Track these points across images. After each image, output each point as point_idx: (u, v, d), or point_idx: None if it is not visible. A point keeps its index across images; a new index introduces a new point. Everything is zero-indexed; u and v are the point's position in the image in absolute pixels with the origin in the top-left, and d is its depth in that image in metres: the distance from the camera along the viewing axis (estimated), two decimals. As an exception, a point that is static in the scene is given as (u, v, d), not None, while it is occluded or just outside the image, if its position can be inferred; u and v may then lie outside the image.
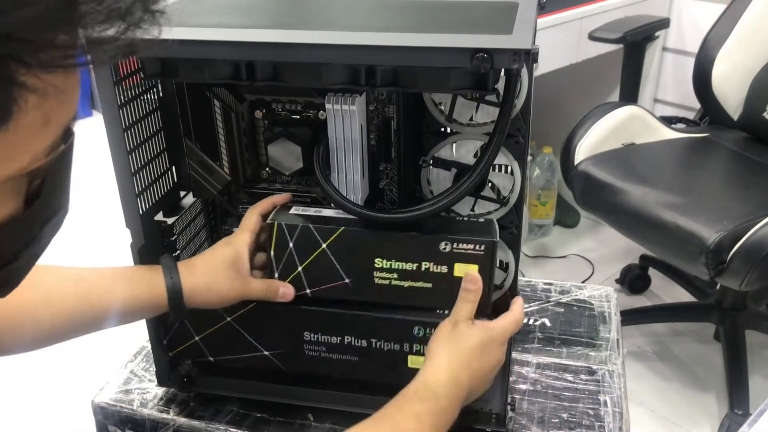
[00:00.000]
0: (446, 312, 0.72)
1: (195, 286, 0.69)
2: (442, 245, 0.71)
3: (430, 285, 0.72)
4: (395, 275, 0.72)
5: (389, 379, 0.74)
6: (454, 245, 0.70)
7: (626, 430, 0.80)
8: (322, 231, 0.73)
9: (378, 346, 0.74)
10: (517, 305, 0.74)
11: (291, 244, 0.73)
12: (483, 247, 0.70)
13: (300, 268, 0.74)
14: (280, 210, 0.77)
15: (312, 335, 0.75)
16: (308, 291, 0.74)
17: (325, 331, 0.75)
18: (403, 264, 0.72)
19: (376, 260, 0.72)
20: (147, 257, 0.72)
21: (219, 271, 0.71)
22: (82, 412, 0.93)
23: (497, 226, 0.75)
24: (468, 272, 0.71)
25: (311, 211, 0.77)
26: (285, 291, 0.73)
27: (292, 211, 0.77)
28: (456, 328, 0.68)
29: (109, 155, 0.68)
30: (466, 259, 0.70)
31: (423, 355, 0.73)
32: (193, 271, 0.70)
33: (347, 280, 0.73)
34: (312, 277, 0.74)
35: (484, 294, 0.71)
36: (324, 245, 0.73)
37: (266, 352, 0.77)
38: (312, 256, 0.73)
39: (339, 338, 0.75)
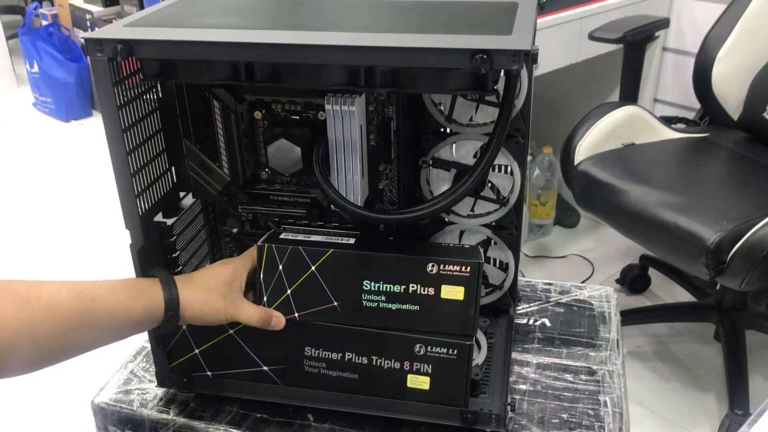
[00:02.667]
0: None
1: (191, 300, 0.69)
2: (429, 267, 0.71)
3: (417, 308, 0.72)
4: (383, 297, 0.73)
5: (388, 398, 0.74)
6: (441, 267, 0.71)
7: (626, 431, 0.80)
8: (312, 253, 0.74)
9: (378, 364, 0.74)
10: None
11: (280, 267, 0.74)
12: (469, 269, 0.71)
13: (289, 291, 0.74)
14: (271, 235, 0.79)
15: (313, 350, 0.75)
16: (297, 314, 0.75)
17: (326, 346, 0.75)
18: (391, 286, 0.72)
19: (364, 282, 0.73)
20: (147, 258, 0.72)
21: (215, 288, 0.71)
22: (82, 412, 0.93)
23: (482, 251, 0.76)
24: None
25: (300, 236, 0.78)
26: (278, 321, 0.74)
27: (282, 236, 0.79)
28: None
29: (109, 156, 0.68)
30: (453, 280, 0.71)
31: (423, 374, 0.73)
32: (189, 285, 0.70)
33: (335, 303, 0.74)
34: (300, 300, 0.74)
35: (468, 313, 0.71)
36: (313, 267, 0.73)
37: (265, 368, 0.77)
38: (301, 279, 0.74)
39: (340, 354, 0.74)
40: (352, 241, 0.77)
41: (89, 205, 2.43)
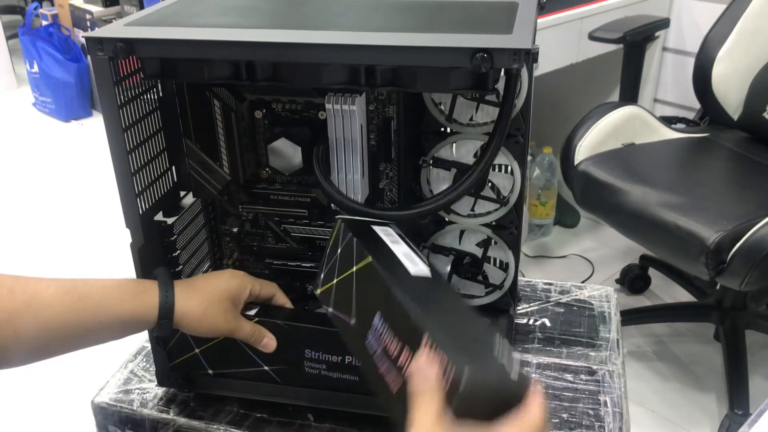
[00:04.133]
0: None
1: (189, 311, 0.68)
2: (425, 338, 0.55)
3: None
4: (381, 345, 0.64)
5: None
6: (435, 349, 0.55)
7: (626, 431, 0.80)
8: (359, 254, 0.65)
9: None
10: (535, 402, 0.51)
11: (338, 251, 0.68)
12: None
13: (335, 281, 0.67)
14: (362, 222, 0.71)
15: (313, 353, 0.75)
16: (330, 309, 0.67)
17: (326, 349, 0.74)
18: (388, 340, 0.61)
19: (376, 315, 0.61)
20: (147, 257, 0.72)
21: (219, 301, 0.70)
22: (82, 412, 0.93)
23: (501, 338, 0.57)
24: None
25: (387, 238, 0.70)
26: (268, 341, 0.74)
27: (373, 226, 0.71)
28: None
29: (109, 155, 0.68)
30: None
31: None
32: (191, 294, 0.69)
33: (353, 320, 0.64)
34: (340, 296, 0.66)
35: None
36: (354, 268, 0.66)
37: (266, 367, 0.77)
38: (344, 275, 0.66)
39: (339, 357, 0.74)
40: (410, 266, 0.65)
41: (89, 205, 2.43)
